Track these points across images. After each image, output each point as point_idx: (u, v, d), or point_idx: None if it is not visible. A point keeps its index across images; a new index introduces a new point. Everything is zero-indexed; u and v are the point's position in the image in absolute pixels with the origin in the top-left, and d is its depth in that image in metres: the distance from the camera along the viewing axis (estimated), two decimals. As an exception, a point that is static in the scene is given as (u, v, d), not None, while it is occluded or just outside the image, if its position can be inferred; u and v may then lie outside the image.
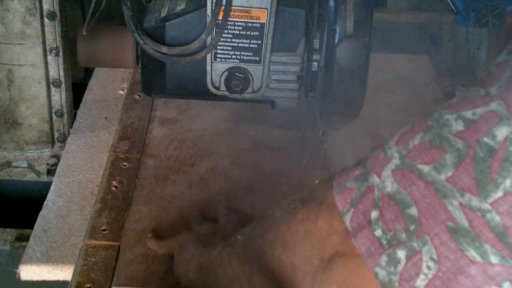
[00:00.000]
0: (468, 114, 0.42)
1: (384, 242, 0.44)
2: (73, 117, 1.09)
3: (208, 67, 0.89)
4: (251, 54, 0.88)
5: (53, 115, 1.06)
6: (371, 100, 0.85)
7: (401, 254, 0.43)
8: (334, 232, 0.50)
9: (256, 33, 0.86)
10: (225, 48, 0.88)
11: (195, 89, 0.91)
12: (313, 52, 0.84)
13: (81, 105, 1.12)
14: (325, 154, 0.96)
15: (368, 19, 0.80)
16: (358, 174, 0.48)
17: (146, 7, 0.95)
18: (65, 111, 1.06)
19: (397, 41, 1.46)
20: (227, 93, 0.91)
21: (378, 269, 0.44)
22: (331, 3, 0.79)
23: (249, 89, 0.90)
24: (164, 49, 0.86)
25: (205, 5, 0.85)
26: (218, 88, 0.90)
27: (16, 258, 0.84)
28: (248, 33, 0.86)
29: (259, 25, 0.86)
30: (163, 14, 0.90)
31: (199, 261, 0.67)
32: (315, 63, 0.85)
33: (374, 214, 0.45)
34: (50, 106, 1.05)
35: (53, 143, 1.07)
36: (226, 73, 0.89)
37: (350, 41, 0.79)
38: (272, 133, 1.00)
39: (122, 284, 0.72)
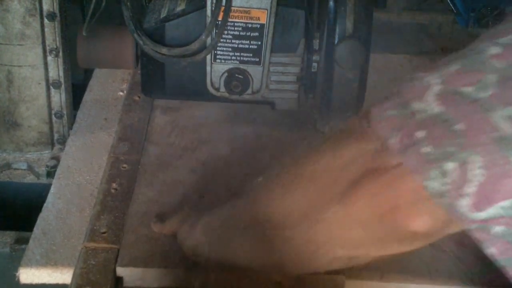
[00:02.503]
0: (504, 40, 0.45)
1: (432, 157, 0.46)
2: (72, 118, 1.08)
3: (208, 68, 0.89)
4: (251, 55, 0.87)
5: (53, 116, 1.05)
6: (370, 100, 0.85)
7: (449, 166, 0.45)
8: (364, 154, 0.51)
9: (256, 33, 0.86)
10: (225, 49, 0.87)
11: (195, 90, 0.91)
12: (313, 52, 0.84)
13: (81, 106, 1.12)
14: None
15: (368, 19, 0.80)
16: (397, 103, 0.50)
17: (146, 8, 0.95)
18: (64, 112, 1.06)
19: (397, 42, 1.45)
20: (226, 94, 0.91)
21: (427, 182, 0.46)
22: (331, 3, 0.79)
23: (249, 90, 0.90)
24: (164, 50, 0.86)
25: (205, 6, 0.85)
26: (218, 89, 0.90)
27: (15, 260, 0.83)
28: (248, 33, 0.86)
29: (259, 25, 0.86)
30: (163, 14, 0.90)
31: (205, 220, 0.68)
32: (315, 64, 0.85)
33: (420, 134, 0.47)
34: (49, 107, 1.04)
35: (52, 145, 1.07)
36: (226, 74, 0.89)
37: (350, 42, 0.79)
38: (272, 120, 1.00)
39: (126, 264, 0.73)
